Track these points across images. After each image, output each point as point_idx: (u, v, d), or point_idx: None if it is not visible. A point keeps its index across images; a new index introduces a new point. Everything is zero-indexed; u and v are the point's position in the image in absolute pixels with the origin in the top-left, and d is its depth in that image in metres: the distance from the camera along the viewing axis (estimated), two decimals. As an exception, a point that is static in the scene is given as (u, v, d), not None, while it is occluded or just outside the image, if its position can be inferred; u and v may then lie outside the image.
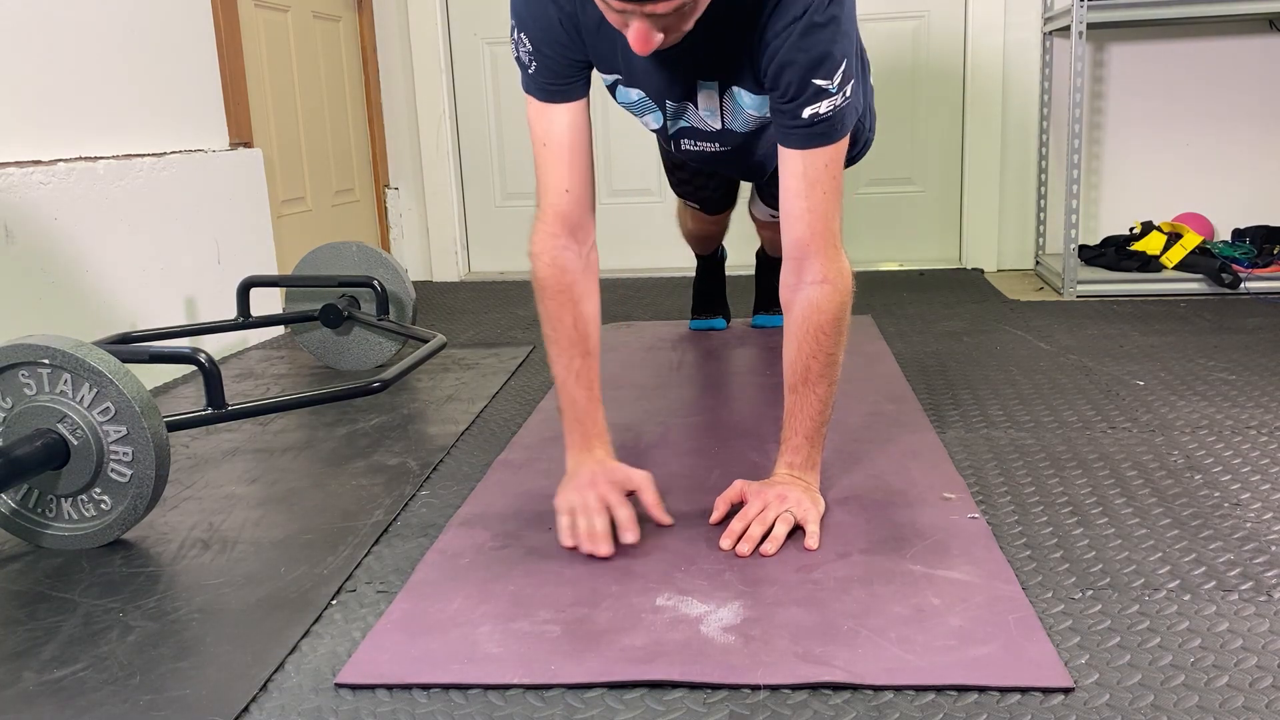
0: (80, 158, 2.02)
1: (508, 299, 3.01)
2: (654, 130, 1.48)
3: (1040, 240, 3.17)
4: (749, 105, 1.34)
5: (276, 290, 2.54)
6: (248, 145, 2.57)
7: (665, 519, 1.27)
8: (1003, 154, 3.17)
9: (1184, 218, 3.04)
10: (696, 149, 1.49)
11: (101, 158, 2.06)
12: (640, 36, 1.07)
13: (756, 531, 1.21)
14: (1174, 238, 2.82)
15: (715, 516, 1.27)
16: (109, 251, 2.05)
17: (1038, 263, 3.17)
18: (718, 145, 1.46)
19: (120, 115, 2.16)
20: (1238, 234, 2.98)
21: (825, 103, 1.20)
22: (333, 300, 2.15)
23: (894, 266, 3.22)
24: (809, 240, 1.24)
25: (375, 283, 2.04)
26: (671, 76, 1.32)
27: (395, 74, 3.39)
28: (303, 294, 2.23)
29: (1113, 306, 2.59)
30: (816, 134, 1.22)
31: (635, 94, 1.37)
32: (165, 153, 2.26)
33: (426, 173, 3.42)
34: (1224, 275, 2.65)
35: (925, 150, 3.24)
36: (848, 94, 1.22)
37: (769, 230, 2.23)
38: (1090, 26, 2.75)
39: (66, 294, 1.93)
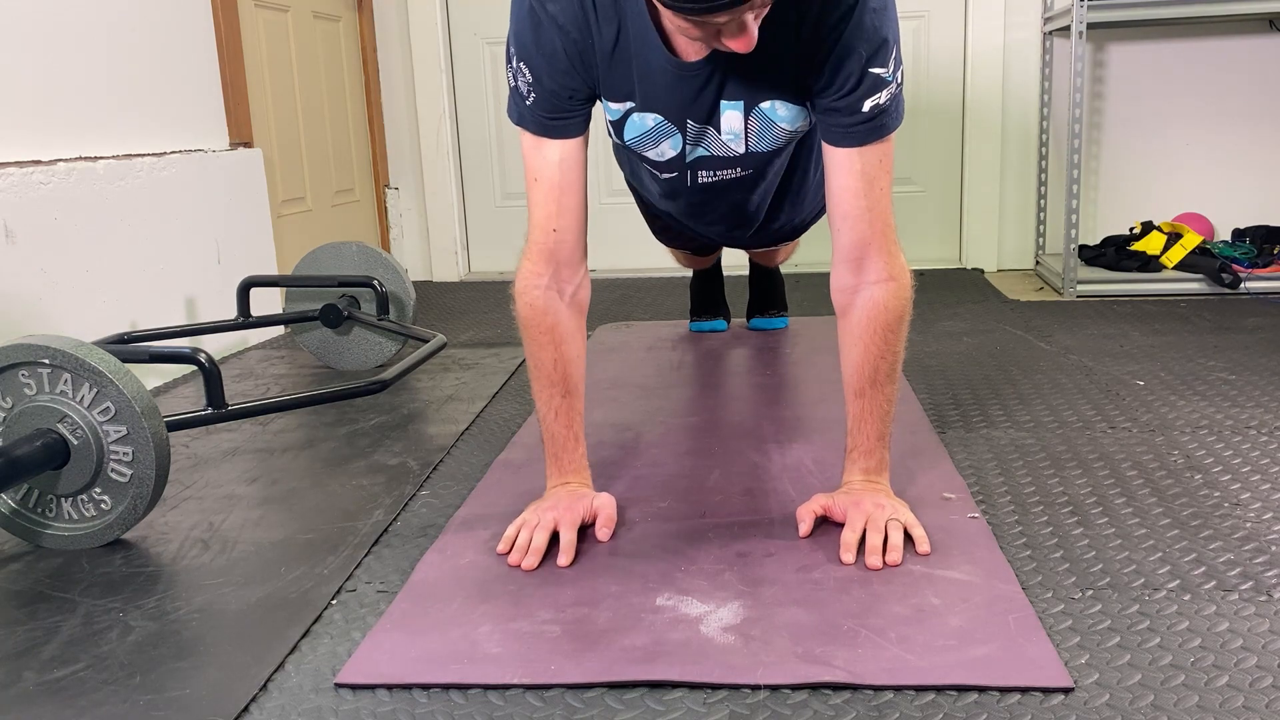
0: (80, 158, 2.02)
1: (508, 299, 3.00)
2: (666, 161, 1.36)
3: (1040, 240, 3.17)
4: (783, 119, 1.28)
5: (276, 290, 2.54)
6: (248, 145, 2.57)
7: (601, 537, 1.24)
8: (1003, 154, 3.17)
9: (1184, 218, 3.04)
10: (714, 179, 1.41)
11: (101, 158, 2.06)
12: (744, 40, 1.04)
13: (878, 541, 1.17)
14: (1174, 238, 2.82)
15: (804, 530, 1.23)
16: (109, 251, 2.05)
17: (1038, 263, 3.17)
18: (738, 170, 1.40)
19: (120, 115, 2.16)
20: (1238, 234, 2.98)
21: (884, 92, 1.18)
22: (333, 300, 2.15)
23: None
24: (871, 239, 1.21)
25: (375, 283, 2.04)
26: (693, 94, 1.25)
27: (395, 74, 3.39)
28: (303, 294, 2.23)
29: (1113, 306, 2.59)
30: (875, 127, 1.19)
31: (651, 119, 1.29)
32: (165, 153, 2.26)
33: (426, 173, 3.42)
34: (1224, 275, 2.65)
35: (925, 150, 3.24)
36: (900, 79, 1.19)
37: (759, 255, 2.23)
38: (1090, 26, 2.75)
39: (66, 294, 1.93)
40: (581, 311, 1.33)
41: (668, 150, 1.34)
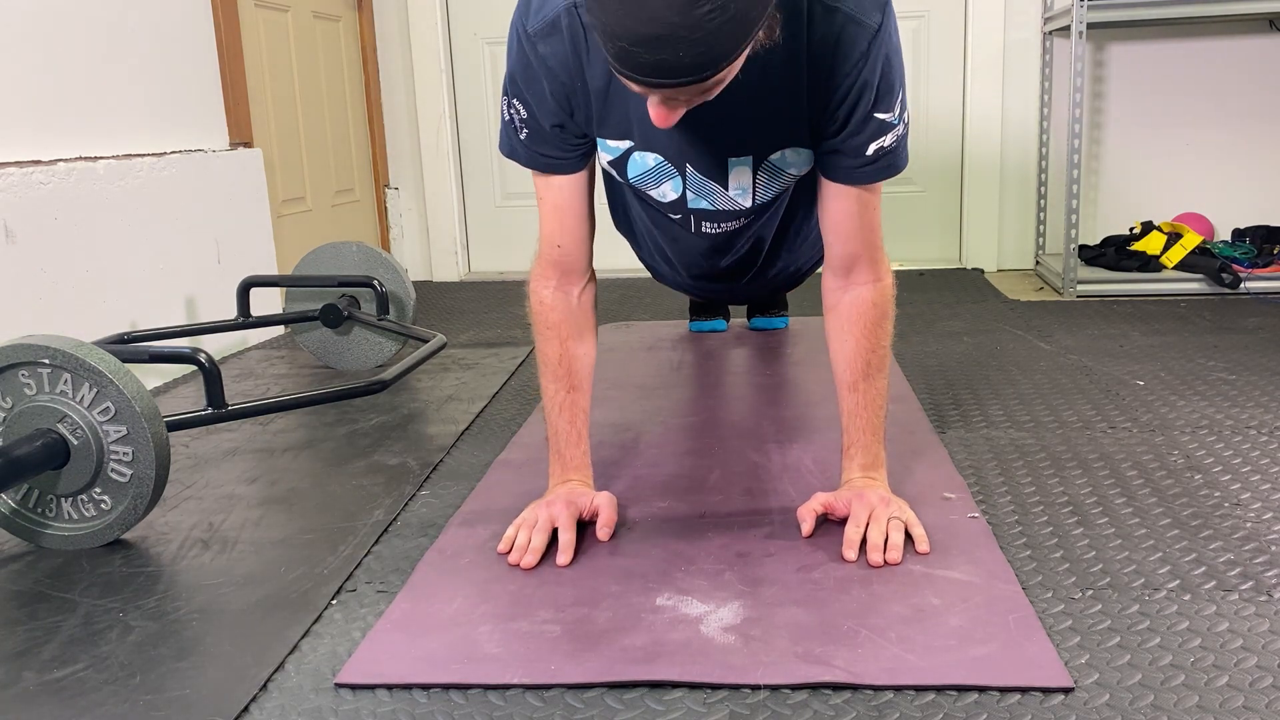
0: (80, 158, 2.02)
1: (508, 299, 3.01)
2: (670, 203, 1.35)
3: (1040, 240, 3.17)
4: (792, 165, 1.27)
5: (276, 290, 2.54)
6: (248, 145, 2.57)
7: (601, 537, 1.25)
8: (1002, 154, 3.17)
9: (1184, 218, 3.04)
10: (718, 229, 1.41)
11: (101, 158, 2.06)
12: (660, 114, 1.01)
13: (879, 538, 1.18)
14: (1174, 238, 2.82)
15: (806, 530, 1.23)
16: (109, 251, 2.05)
17: (1038, 263, 3.17)
18: (742, 220, 1.39)
19: (120, 115, 2.16)
20: (1238, 234, 2.98)
21: (889, 135, 1.19)
22: (333, 300, 2.15)
23: (894, 266, 3.22)
24: (859, 253, 1.26)
25: (375, 283, 2.04)
26: (695, 139, 1.24)
27: (395, 74, 3.39)
28: (303, 294, 2.23)
29: (1113, 306, 2.59)
30: (879, 169, 1.20)
31: (652, 159, 1.27)
32: (165, 153, 2.26)
33: (426, 173, 3.42)
34: (1224, 275, 2.65)
35: (925, 150, 3.23)
36: (905, 120, 1.20)
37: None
38: (1090, 26, 2.75)
39: (66, 294, 1.93)
40: (589, 312, 1.35)
41: (669, 192, 1.33)
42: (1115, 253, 2.89)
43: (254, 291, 2.17)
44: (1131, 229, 2.99)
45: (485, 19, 3.33)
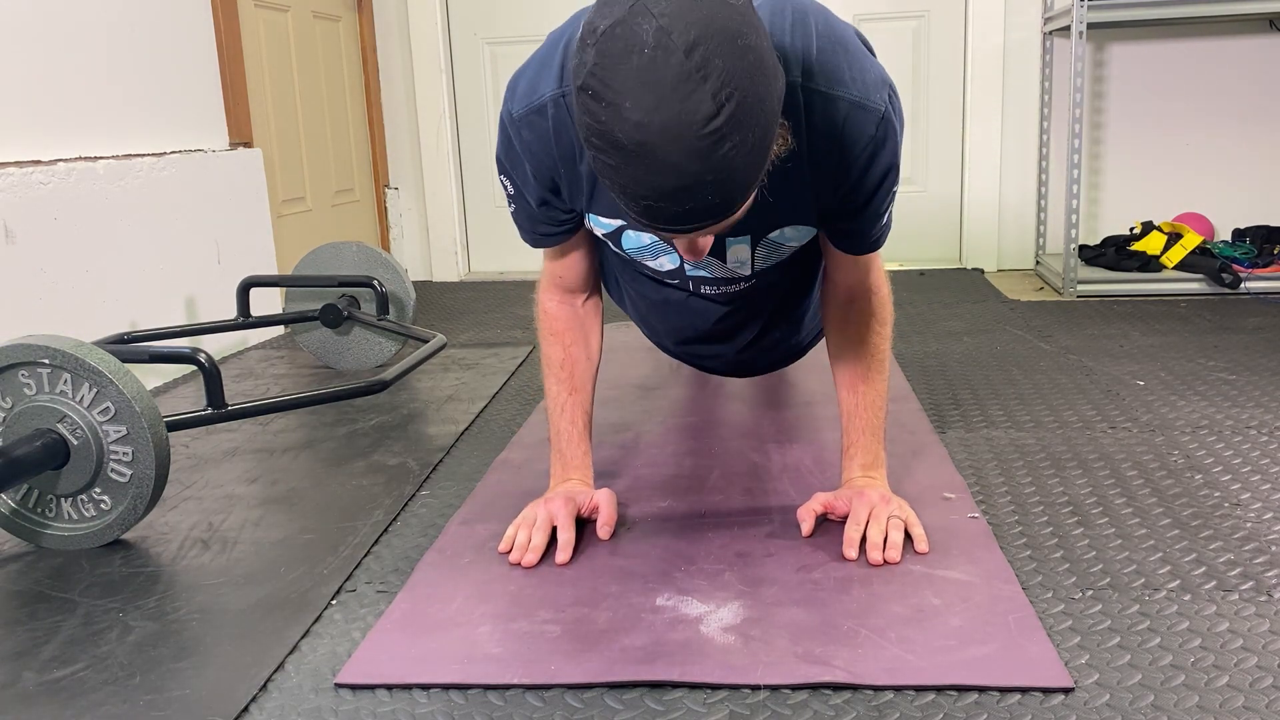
0: (80, 158, 2.02)
1: (508, 299, 3.01)
2: (667, 272, 1.32)
3: (1040, 240, 3.17)
4: (792, 239, 1.24)
5: (276, 290, 2.54)
6: (248, 145, 2.57)
7: (602, 535, 1.24)
8: (1003, 154, 3.17)
9: (1184, 218, 3.04)
10: (718, 292, 1.37)
11: (101, 158, 2.06)
12: (691, 249, 1.00)
13: (879, 536, 1.18)
14: (1174, 238, 2.82)
15: (806, 530, 1.23)
16: (109, 251, 2.05)
17: (1038, 263, 3.17)
18: (743, 285, 1.36)
19: (120, 115, 2.16)
20: (1238, 234, 2.98)
21: (887, 213, 1.20)
22: (333, 300, 2.15)
23: (894, 266, 3.22)
24: (859, 280, 1.28)
25: (375, 283, 2.04)
26: None
27: (395, 74, 3.39)
28: (303, 294, 2.23)
29: (1113, 306, 2.59)
30: (884, 231, 1.22)
31: (648, 237, 1.23)
32: (165, 153, 2.26)
33: (426, 173, 3.42)
34: (1224, 275, 2.65)
35: (925, 150, 3.23)
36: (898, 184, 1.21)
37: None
38: (1090, 26, 2.75)
39: (66, 294, 1.93)
40: (594, 316, 1.37)
41: (666, 264, 1.29)
42: (1115, 253, 2.89)
43: (254, 291, 2.17)
44: (1131, 229, 2.99)
45: (485, 19, 3.33)
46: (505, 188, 1.25)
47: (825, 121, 1.08)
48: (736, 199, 0.91)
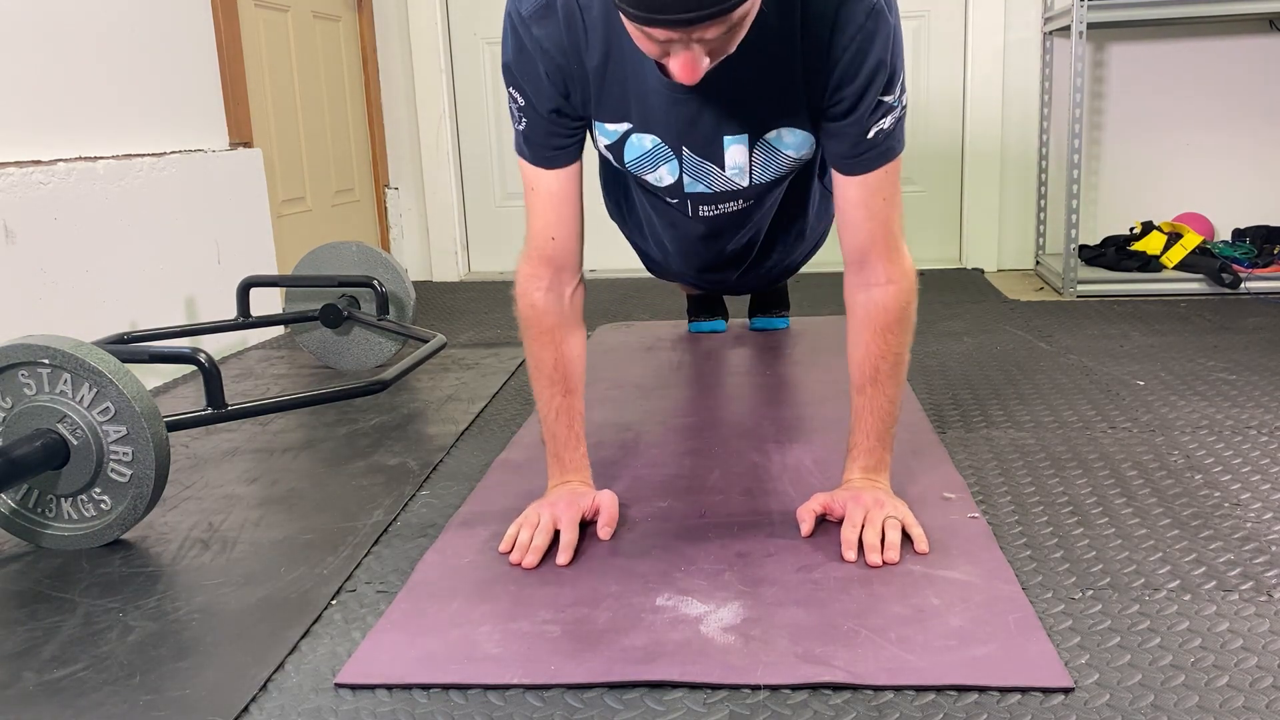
0: (80, 158, 2.02)
1: (507, 299, 2.99)
2: (666, 187, 1.34)
3: (1040, 240, 3.17)
4: (789, 146, 1.26)
5: (276, 290, 2.54)
6: (248, 145, 2.57)
7: (603, 536, 1.25)
8: (1003, 154, 3.17)
9: (1184, 218, 3.04)
10: (715, 212, 1.39)
11: (101, 158, 2.06)
12: (687, 64, 0.99)
13: (876, 538, 1.18)
14: (1174, 238, 2.82)
15: (805, 530, 1.23)
16: (109, 251, 2.05)
17: (1038, 263, 3.17)
18: (740, 203, 1.37)
19: (120, 115, 2.16)
20: (1238, 234, 2.98)
21: (889, 118, 1.18)
22: (333, 300, 2.15)
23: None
24: (869, 247, 1.23)
25: (375, 283, 2.04)
26: (689, 120, 1.22)
27: (395, 74, 3.39)
28: (303, 294, 2.23)
29: (1113, 306, 2.59)
30: (881, 153, 1.19)
31: (650, 141, 1.26)
32: (165, 153, 2.26)
33: (426, 173, 3.42)
34: (1224, 275, 2.65)
35: (925, 150, 3.23)
36: (904, 104, 1.19)
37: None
38: (1090, 26, 2.75)
39: (66, 294, 1.93)
40: (579, 314, 1.34)
41: (666, 176, 1.31)
42: (1115, 253, 2.89)
43: (254, 291, 2.17)
44: (1131, 229, 2.99)
45: (485, 19, 3.33)
46: (514, 99, 1.23)
47: (818, 10, 1.11)
48: None
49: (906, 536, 1.20)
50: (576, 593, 1.12)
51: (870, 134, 1.18)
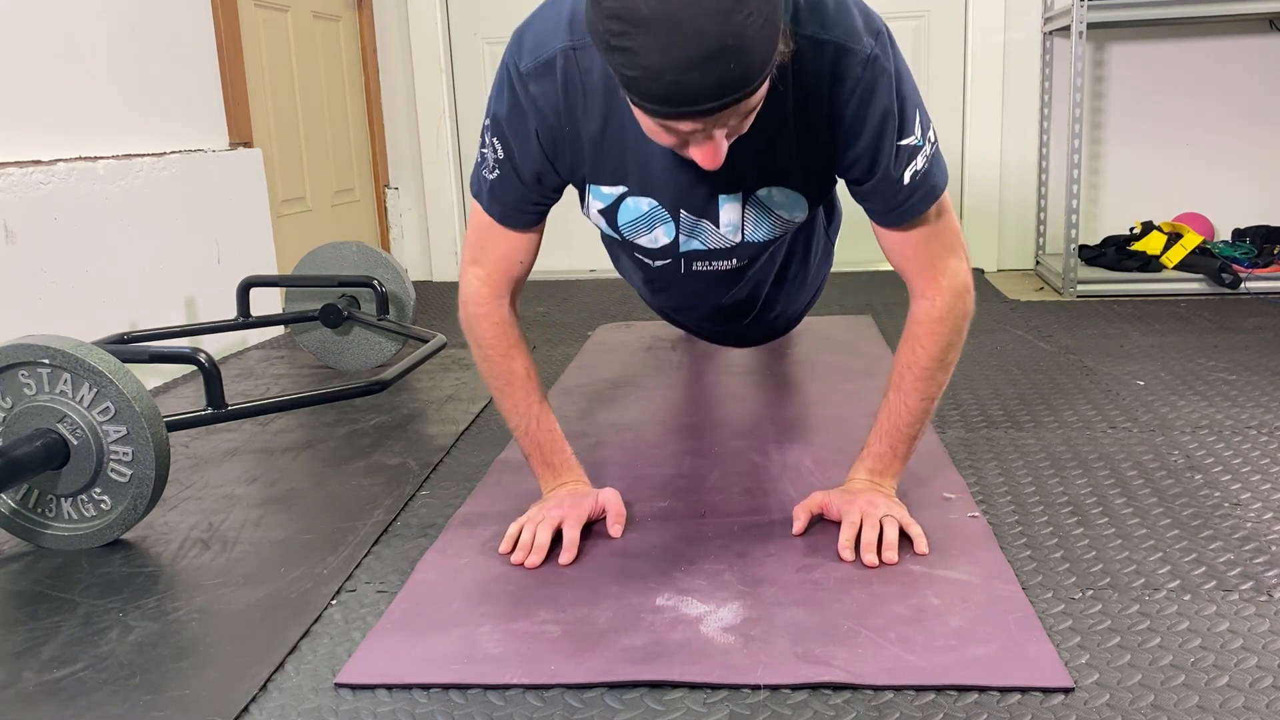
0: (80, 158, 2.02)
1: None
2: (660, 248, 1.31)
3: (1040, 240, 3.17)
4: (780, 206, 1.24)
5: (276, 290, 2.54)
6: (248, 145, 2.57)
7: (614, 534, 1.25)
8: (1003, 154, 3.17)
9: (1184, 218, 3.04)
10: (709, 269, 1.36)
11: (101, 158, 2.06)
12: (710, 153, 0.99)
13: (873, 538, 1.17)
14: (1174, 238, 2.82)
15: (798, 527, 1.23)
16: (109, 251, 2.05)
17: (1038, 263, 3.17)
18: (734, 261, 1.35)
19: (120, 115, 2.16)
20: (1238, 234, 2.98)
21: (920, 157, 1.15)
22: (333, 300, 2.15)
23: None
24: (918, 273, 1.22)
25: (375, 283, 2.04)
26: (690, 182, 1.20)
27: (395, 74, 3.39)
28: (303, 294, 2.23)
29: (1113, 306, 2.59)
30: (921, 196, 1.16)
31: (646, 204, 1.23)
32: (165, 153, 2.26)
33: (426, 173, 3.42)
34: (1224, 275, 2.65)
35: (925, 150, 3.23)
36: (933, 139, 1.17)
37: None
38: (1090, 26, 2.75)
39: (66, 294, 1.93)
40: (517, 319, 1.35)
41: (661, 237, 1.28)
42: (1115, 253, 2.89)
43: (254, 291, 2.17)
44: (1131, 229, 2.99)
45: (485, 19, 3.33)
46: (494, 149, 1.21)
47: (813, 67, 1.09)
48: (754, 72, 0.92)
49: (905, 537, 1.20)
50: (576, 593, 1.12)
51: (906, 180, 1.15)
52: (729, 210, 1.24)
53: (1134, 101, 3.08)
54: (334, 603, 1.14)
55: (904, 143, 1.13)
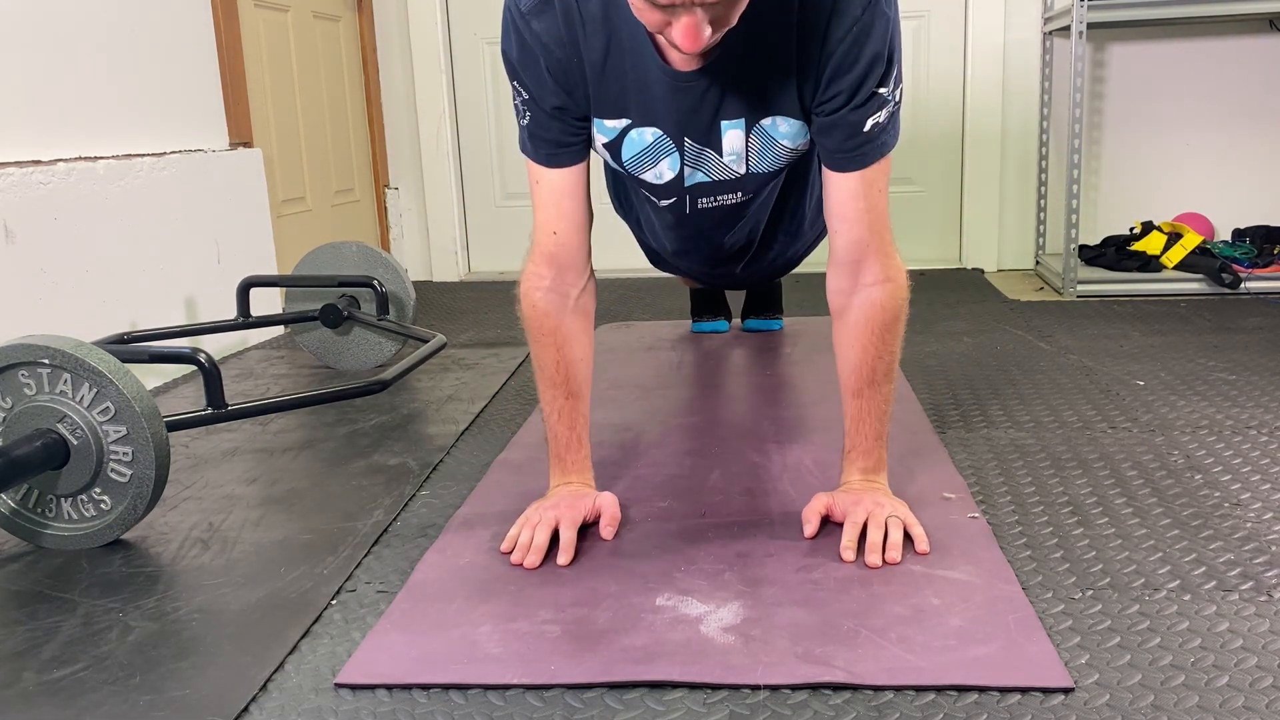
0: (80, 158, 2.02)
1: (508, 299, 3.01)
2: (665, 184, 1.32)
3: (1040, 240, 3.17)
4: (784, 136, 1.25)
5: (276, 290, 2.54)
6: (248, 145, 2.57)
7: (605, 536, 1.25)
8: (1003, 154, 3.17)
9: (1184, 218, 3.04)
10: (713, 204, 1.37)
11: (101, 158, 2.06)
12: (690, 29, 0.98)
13: (878, 539, 1.17)
14: (1174, 238, 2.82)
15: (810, 531, 1.23)
16: (109, 251, 2.05)
17: (1038, 263, 3.17)
18: (738, 194, 1.36)
19: (120, 115, 2.16)
20: (1238, 234, 2.98)
21: (884, 111, 1.17)
22: (333, 300, 2.15)
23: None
24: (869, 240, 1.21)
25: (375, 283, 2.04)
26: (690, 108, 1.21)
27: (395, 74, 3.39)
28: (303, 294, 2.23)
29: (1113, 306, 2.59)
30: (875, 147, 1.18)
31: (651, 134, 1.25)
32: (165, 153, 2.26)
33: (426, 173, 3.42)
34: (1224, 275, 2.65)
35: (925, 150, 3.23)
36: (899, 98, 1.19)
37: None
38: (1090, 26, 2.75)
39: (66, 294, 1.93)
40: (586, 315, 1.33)
41: (666, 171, 1.30)
42: (1115, 253, 2.89)
43: (254, 291, 2.17)
44: (1131, 229, 2.99)
45: (485, 19, 3.33)
46: (518, 93, 1.24)
47: (815, 1, 1.11)
48: None
49: (907, 536, 1.20)
50: (576, 593, 1.12)
51: (866, 127, 1.17)
52: (732, 138, 1.25)
53: (1134, 101, 3.08)
54: (334, 603, 1.14)
55: (880, 91, 1.16)
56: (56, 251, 1.90)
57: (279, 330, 2.57)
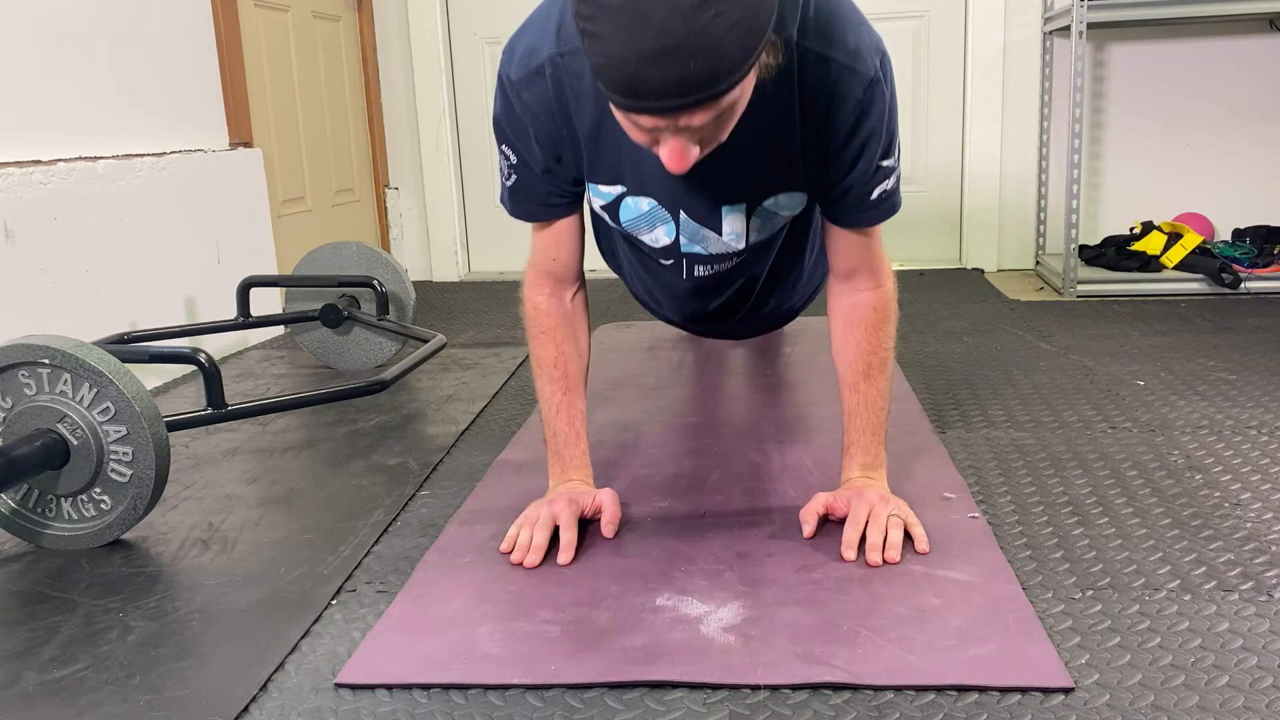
0: (80, 158, 2.02)
1: (508, 299, 3.01)
2: (662, 248, 1.32)
3: (1040, 240, 3.17)
4: (785, 207, 1.26)
5: (276, 290, 2.54)
6: (248, 145, 2.57)
7: (607, 534, 1.25)
8: (1003, 154, 3.17)
9: (1184, 218, 3.04)
10: (712, 272, 1.38)
11: (101, 158, 2.06)
12: (675, 153, 0.97)
13: (879, 538, 1.18)
14: (1174, 238, 2.82)
15: (808, 531, 1.23)
16: (109, 251, 2.05)
17: (1038, 263, 3.17)
18: (736, 260, 1.37)
19: (120, 115, 2.16)
20: (1238, 234, 2.98)
21: (890, 179, 1.21)
22: (333, 300, 2.15)
23: (894, 266, 3.21)
24: (861, 265, 1.28)
25: (375, 283, 2.04)
26: (693, 190, 1.21)
27: (395, 74, 3.39)
28: (302, 294, 2.23)
29: (1113, 306, 2.59)
30: (882, 211, 1.23)
31: (646, 204, 1.25)
32: (165, 153, 2.26)
33: (426, 173, 3.42)
34: (1224, 275, 2.65)
35: (925, 150, 3.23)
36: (899, 165, 1.22)
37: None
38: (1090, 26, 2.75)
39: (66, 294, 1.93)
40: (581, 313, 1.36)
41: (662, 237, 1.30)
42: (1115, 253, 2.89)
43: (254, 291, 2.17)
44: (1131, 229, 2.99)
45: (485, 19, 3.33)
46: (506, 157, 1.25)
47: (817, 80, 1.11)
48: (720, 76, 0.90)
49: (907, 536, 1.20)
50: (576, 593, 1.12)
51: (874, 196, 1.21)
52: (732, 221, 1.26)
53: (1134, 101, 3.08)
54: (334, 603, 1.14)
55: (884, 164, 1.19)
56: (57, 251, 1.91)
57: (279, 330, 2.57)
